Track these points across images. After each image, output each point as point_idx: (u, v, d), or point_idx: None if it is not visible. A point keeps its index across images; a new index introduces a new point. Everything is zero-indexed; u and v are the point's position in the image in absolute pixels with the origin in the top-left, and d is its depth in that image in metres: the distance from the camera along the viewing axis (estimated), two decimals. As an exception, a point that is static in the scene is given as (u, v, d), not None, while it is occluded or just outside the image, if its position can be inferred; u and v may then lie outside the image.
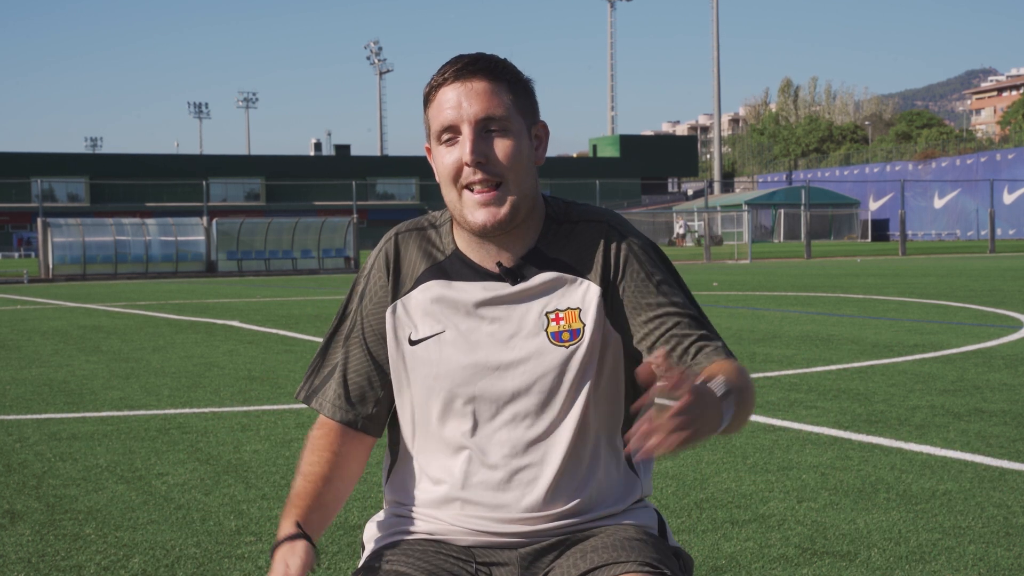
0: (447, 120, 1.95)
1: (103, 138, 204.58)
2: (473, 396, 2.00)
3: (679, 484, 4.96)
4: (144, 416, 7.14)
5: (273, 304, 19.64)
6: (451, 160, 1.96)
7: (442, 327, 2.01)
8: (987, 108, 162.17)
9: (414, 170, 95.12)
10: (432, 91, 1.98)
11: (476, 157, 1.93)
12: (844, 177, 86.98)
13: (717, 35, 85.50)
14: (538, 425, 1.99)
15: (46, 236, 36.74)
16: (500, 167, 1.94)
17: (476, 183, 1.94)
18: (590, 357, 1.99)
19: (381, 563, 1.98)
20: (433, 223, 2.10)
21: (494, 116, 1.94)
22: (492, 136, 1.95)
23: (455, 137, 1.96)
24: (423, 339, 2.02)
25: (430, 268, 2.04)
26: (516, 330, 2.00)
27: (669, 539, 2.09)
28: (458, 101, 1.94)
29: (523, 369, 1.99)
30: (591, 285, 2.00)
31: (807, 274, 27.96)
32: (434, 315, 2.02)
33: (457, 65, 1.96)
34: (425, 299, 2.03)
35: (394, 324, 2.05)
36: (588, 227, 2.04)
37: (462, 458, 2.02)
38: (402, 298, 2.05)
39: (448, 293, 2.02)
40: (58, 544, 4.21)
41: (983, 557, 3.83)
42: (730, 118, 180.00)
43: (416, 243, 2.07)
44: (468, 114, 1.94)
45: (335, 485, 2.07)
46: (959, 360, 9.06)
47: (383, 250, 2.09)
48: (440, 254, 2.05)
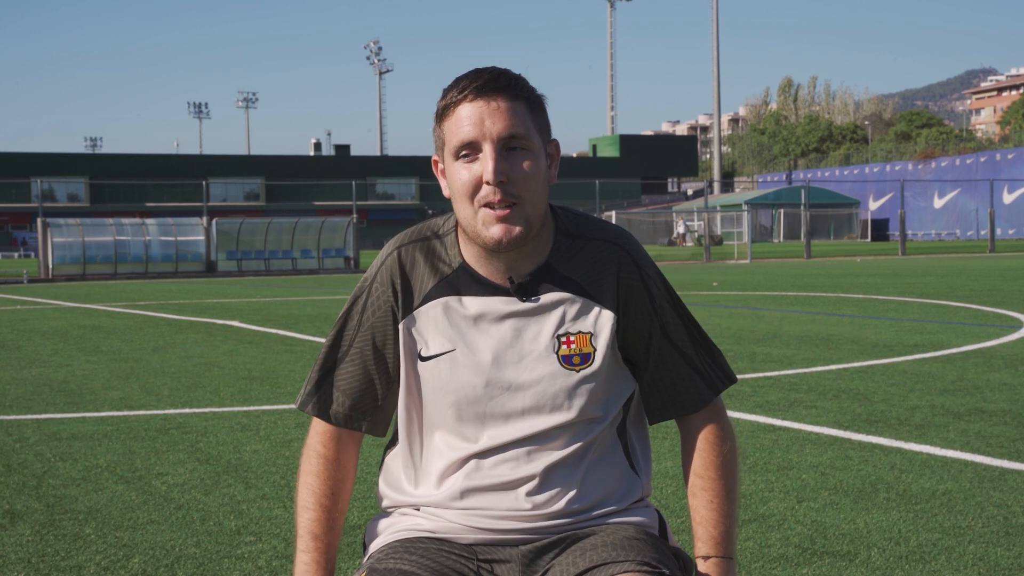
0: (467, 136, 1.93)
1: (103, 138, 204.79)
2: (482, 413, 2.01)
3: (679, 484, 4.96)
4: (144, 416, 7.14)
5: (273, 304, 19.64)
6: (469, 177, 1.94)
7: (452, 345, 2.01)
8: (987, 108, 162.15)
9: (414, 170, 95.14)
10: (451, 106, 1.96)
11: (498, 176, 1.92)
12: (844, 177, 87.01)
13: (717, 35, 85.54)
14: (544, 434, 2.01)
15: (46, 236, 36.73)
16: (519, 187, 1.93)
17: (495, 202, 1.93)
18: (599, 379, 2.02)
19: (383, 562, 1.98)
20: (436, 232, 2.08)
21: (516, 135, 1.93)
22: (513, 155, 1.94)
23: (474, 154, 1.94)
24: (434, 356, 2.02)
25: (439, 283, 2.03)
26: (527, 351, 2.00)
27: (669, 539, 2.10)
28: (480, 118, 1.92)
29: (533, 391, 2.01)
30: (604, 311, 2.02)
31: (807, 274, 27.97)
32: (444, 332, 2.02)
33: (478, 81, 1.94)
34: (436, 315, 2.02)
35: (405, 338, 2.04)
36: (603, 248, 2.04)
37: (466, 460, 2.02)
38: (412, 313, 2.04)
39: (458, 309, 2.02)
40: (58, 544, 4.20)
41: (983, 557, 3.83)
42: (730, 118, 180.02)
43: (422, 256, 2.05)
44: (491, 132, 1.92)
45: (341, 499, 2.10)
46: (959, 360, 9.06)
47: (386, 264, 2.07)
48: (447, 267, 2.04)
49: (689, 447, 2.08)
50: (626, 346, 2.05)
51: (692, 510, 2.05)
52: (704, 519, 2.03)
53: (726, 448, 2.06)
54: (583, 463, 2.02)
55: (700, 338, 2.10)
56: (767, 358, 9.49)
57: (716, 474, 2.04)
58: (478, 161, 1.94)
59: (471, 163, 1.94)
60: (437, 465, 2.05)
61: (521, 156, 1.94)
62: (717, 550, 2.02)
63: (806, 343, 10.67)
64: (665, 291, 2.08)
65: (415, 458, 2.09)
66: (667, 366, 2.06)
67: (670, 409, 2.08)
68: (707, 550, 2.02)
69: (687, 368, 2.07)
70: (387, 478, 2.14)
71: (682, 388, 2.07)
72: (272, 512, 4.60)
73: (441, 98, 1.98)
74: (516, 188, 1.93)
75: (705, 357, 2.09)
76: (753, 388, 7.73)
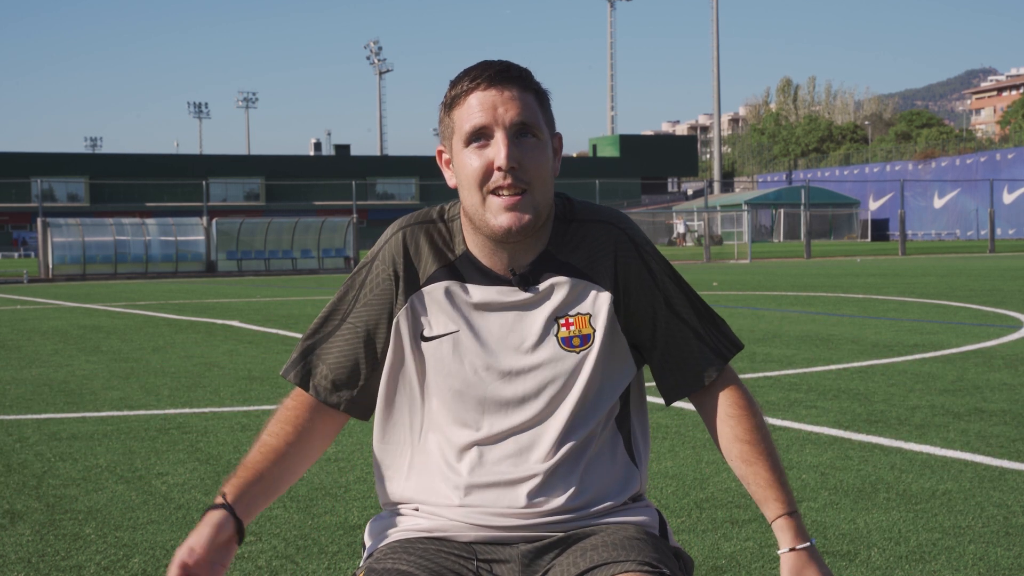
0: (480, 122, 1.94)
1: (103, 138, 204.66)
2: (482, 398, 2.01)
3: (679, 484, 4.96)
4: (144, 416, 7.14)
5: (273, 304, 19.64)
6: (480, 164, 1.94)
7: (456, 326, 2.02)
8: (987, 108, 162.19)
9: (414, 170, 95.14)
10: (462, 95, 1.96)
11: (510, 162, 1.92)
12: (844, 177, 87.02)
13: (717, 35, 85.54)
14: (543, 424, 2.01)
15: (46, 236, 36.72)
16: (529, 175, 1.94)
17: (504, 188, 1.94)
18: (599, 361, 2.02)
19: (382, 562, 1.98)
20: (442, 216, 2.08)
21: (527, 122, 1.95)
22: (523, 143, 1.95)
23: (485, 141, 1.95)
24: (436, 336, 2.02)
25: (442, 267, 2.03)
26: (527, 336, 2.01)
27: (670, 539, 2.09)
28: (492, 105, 1.94)
29: (534, 375, 2.01)
30: (602, 290, 2.03)
31: (807, 274, 27.97)
32: (448, 313, 2.02)
33: (489, 71, 1.96)
34: (439, 297, 2.03)
35: (406, 318, 2.04)
36: (599, 229, 2.05)
37: (465, 455, 2.02)
38: (415, 293, 2.04)
39: (461, 295, 2.02)
40: (58, 544, 4.21)
41: (983, 557, 3.83)
42: (730, 118, 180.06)
43: (425, 238, 2.05)
44: (503, 119, 1.93)
45: (291, 460, 2.05)
46: (959, 360, 9.06)
47: (389, 243, 2.07)
48: (451, 253, 2.04)
49: (721, 416, 2.06)
50: (630, 327, 2.05)
51: (752, 475, 2.02)
52: (770, 481, 2.01)
53: (758, 409, 2.08)
54: (584, 455, 2.02)
55: (703, 309, 2.11)
56: (767, 358, 9.49)
57: (762, 435, 2.04)
58: (489, 148, 1.94)
59: (482, 149, 1.95)
60: (437, 458, 2.05)
61: (532, 144, 1.95)
62: (791, 506, 2.01)
63: (806, 343, 10.67)
64: (665, 266, 2.09)
65: (413, 455, 2.08)
66: (676, 340, 2.06)
67: (684, 385, 2.08)
68: (784, 508, 2.00)
69: (696, 341, 2.07)
70: (384, 478, 2.13)
71: (694, 362, 2.07)
72: (272, 512, 4.60)
73: (450, 88, 1.99)
74: (527, 175, 1.94)
75: (710, 328, 2.10)
76: (753, 388, 7.73)
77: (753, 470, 2.02)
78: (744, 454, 2.03)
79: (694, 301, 2.10)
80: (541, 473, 2.00)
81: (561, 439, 2.01)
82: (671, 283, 2.08)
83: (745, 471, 2.03)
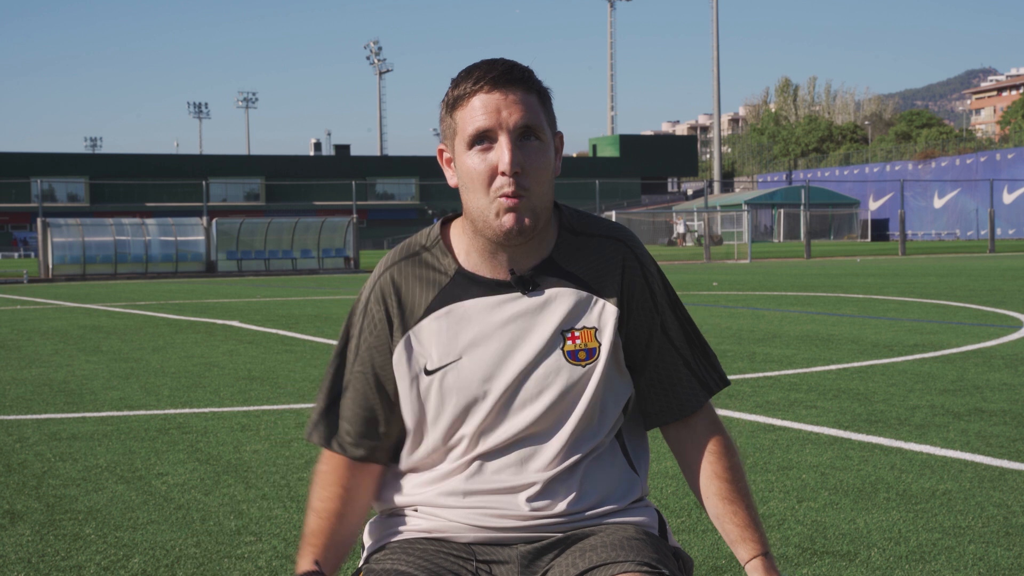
0: (483, 125, 1.92)
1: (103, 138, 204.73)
2: (486, 408, 2.01)
3: (679, 484, 4.96)
4: (144, 416, 7.14)
5: (273, 304, 19.63)
6: (484, 167, 1.93)
7: (457, 355, 2.00)
8: (987, 108, 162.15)
9: (414, 170, 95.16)
10: (465, 96, 1.95)
11: (514, 167, 1.92)
12: (844, 177, 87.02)
13: (717, 35, 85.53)
14: (545, 432, 2.01)
15: (46, 236, 36.73)
16: (531, 179, 1.94)
17: (507, 191, 1.93)
18: (603, 375, 2.01)
19: (381, 563, 1.98)
20: (423, 245, 2.06)
21: (531, 125, 1.94)
22: (527, 147, 1.94)
23: (489, 144, 1.94)
24: (439, 368, 2.01)
25: (437, 295, 2.01)
26: (532, 346, 2.00)
27: (669, 539, 2.09)
28: (496, 107, 1.92)
29: (538, 388, 2.00)
30: (608, 305, 2.02)
31: (807, 274, 27.96)
32: (447, 343, 2.00)
33: (493, 72, 1.94)
34: (437, 327, 2.01)
35: (406, 356, 2.02)
36: (607, 244, 2.05)
37: (466, 457, 2.02)
38: (412, 329, 2.02)
39: (460, 316, 2.00)
40: (58, 544, 4.20)
41: (983, 557, 3.83)
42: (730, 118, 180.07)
43: (413, 272, 2.04)
44: (507, 123, 1.92)
45: (348, 520, 2.07)
46: (959, 360, 9.06)
47: (378, 285, 2.05)
48: (443, 276, 2.02)
49: (699, 451, 2.06)
50: (627, 345, 2.05)
51: (730, 514, 2.02)
52: (748, 522, 2.01)
53: (736, 448, 2.09)
54: (582, 464, 2.02)
55: (696, 339, 2.11)
56: (767, 358, 9.49)
57: (741, 474, 2.05)
58: (492, 151, 1.94)
59: (485, 152, 1.94)
60: (435, 464, 2.05)
61: (535, 147, 1.95)
62: (766, 547, 2.02)
63: (806, 343, 10.67)
64: (665, 291, 2.09)
65: (413, 456, 2.07)
66: (666, 366, 2.06)
67: (667, 412, 2.07)
68: (761, 548, 2.00)
69: (685, 369, 2.08)
70: (384, 481, 2.13)
71: (680, 390, 2.07)
72: (272, 512, 4.60)
73: (453, 87, 1.97)
74: (528, 180, 1.93)
75: (701, 358, 2.10)
76: (753, 388, 7.73)
77: (732, 509, 2.02)
78: (723, 492, 2.03)
79: (688, 330, 2.10)
80: (541, 481, 1.99)
81: (564, 451, 2.00)
82: (669, 308, 2.08)
83: (723, 509, 2.03)
